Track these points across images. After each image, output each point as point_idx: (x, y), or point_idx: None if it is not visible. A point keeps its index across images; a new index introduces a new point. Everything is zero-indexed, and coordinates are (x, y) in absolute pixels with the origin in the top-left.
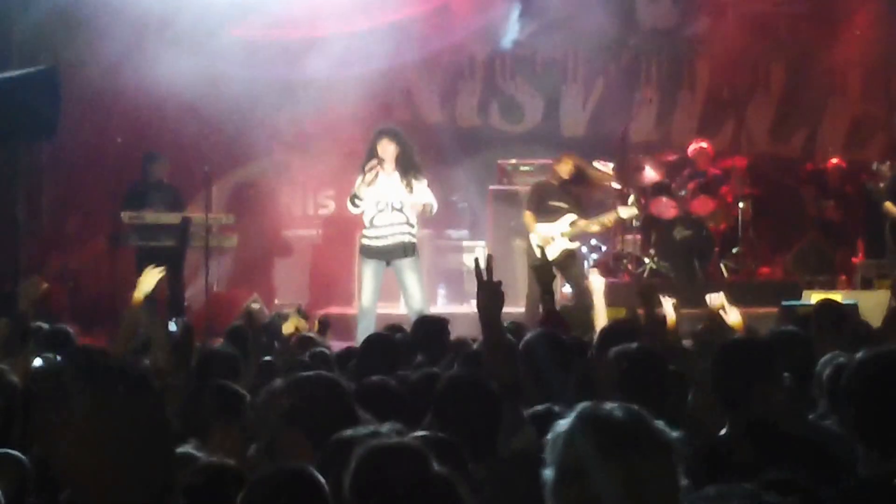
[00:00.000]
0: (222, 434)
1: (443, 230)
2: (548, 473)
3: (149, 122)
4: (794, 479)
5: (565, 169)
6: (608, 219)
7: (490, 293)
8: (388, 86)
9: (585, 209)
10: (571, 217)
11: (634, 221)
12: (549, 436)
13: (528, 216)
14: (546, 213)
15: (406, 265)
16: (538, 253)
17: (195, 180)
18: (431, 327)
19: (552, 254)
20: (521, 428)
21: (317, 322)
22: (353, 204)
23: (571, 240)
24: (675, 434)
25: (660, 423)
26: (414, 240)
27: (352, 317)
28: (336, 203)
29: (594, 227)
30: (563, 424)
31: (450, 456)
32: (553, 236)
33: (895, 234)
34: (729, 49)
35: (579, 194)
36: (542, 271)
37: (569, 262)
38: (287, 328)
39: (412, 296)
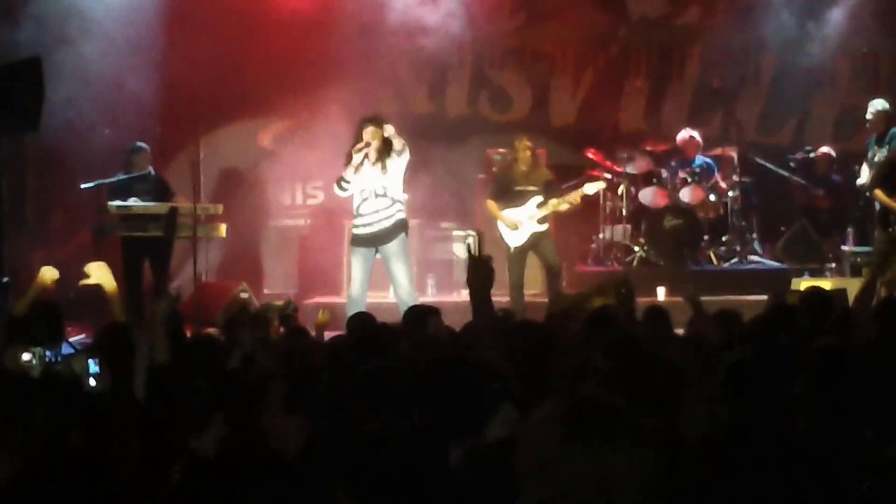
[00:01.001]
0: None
1: (432, 220)
2: (518, 463)
3: (135, 113)
4: None
5: (525, 152)
6: (574, 196)
7: (480, 270)
8: (377, 75)
9: (553, 189)
10: (538, 199)
11: (623, 207)
12: (522, 425)
13: (489, 204)
14: (513, 198)
15: (393, 253)
16: (508, 240)
17: (183, 169)
18: (421, 315)
19: (521, 238)
20: (502, 408)
21: (323, 314)
22: (341, 187)
23: (540, 222)
24: (651, 424)
25: (635, 414)
26: (402, 216)
27: (341, 306)
28: (325, 193)
29: (563, 207)
30: (535, 414)
31: (433, 442)
32: (521, 221)
33: (884, 221)
34: (718, 39)
35: (545, 175)
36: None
37: (541, 244)
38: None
39: (400, 285)
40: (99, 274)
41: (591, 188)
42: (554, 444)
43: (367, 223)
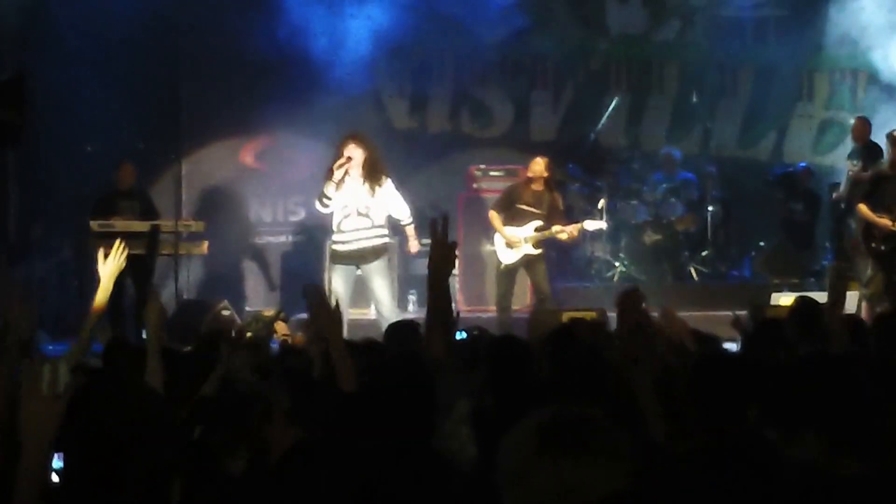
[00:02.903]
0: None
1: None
2: (497, 477)
3: (118, 129)
4: None
5: (537, 171)
6: (573, 230)
7: (444, 253)
8: (358, 91)
9: (556, 214)
10: (538, 223)
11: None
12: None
13: (491, 215)
14: (515, 216)
15: (375, 271)
16: (501, 256)
17: (165, 186)
18: (404, 331)
19: (514, 258)
20: (457, 405)
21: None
22: (322, 203)
23: (535, 246)
24: (623, 436)
25: (608, 425)
26: (384, 241)
27: None
28: (306, 209)
29: (561, 236)
30: (512, 428)
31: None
32: (520, 240)
33: (866, 237)
34: (698, 54)
35: (552, 199)
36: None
37: (534, 267)
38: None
39: (382, 302)
40: (111, 272)
41: (591, 225)
42: (529, 456)
43: (347, 240)
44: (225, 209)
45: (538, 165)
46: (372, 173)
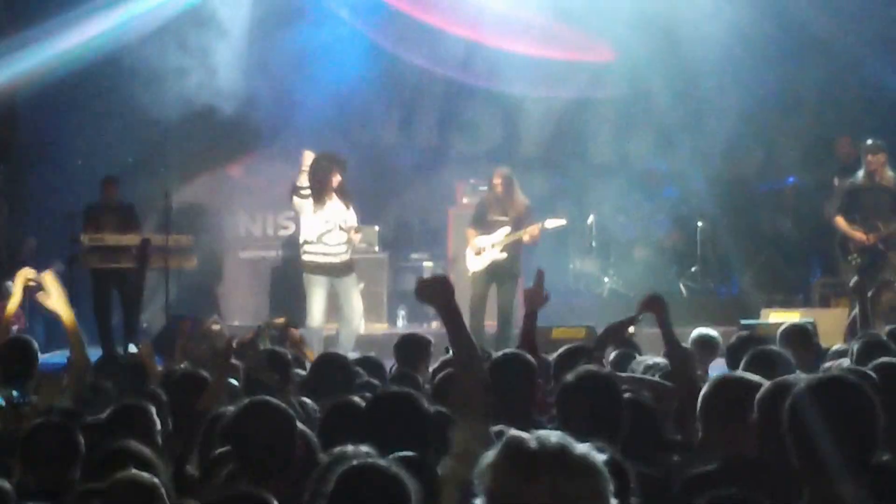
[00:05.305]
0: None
1: (402, 251)
2: (476, 502)
3: (107, 143)
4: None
5: (497, 182)
6: (534, 230)
7: (436, 281)
8: (346, 106)
9: (523, 219)
10: (507, 230)
11: (593, 238)
12: (480, 463)
13: (468, 232)
14: (486, 226)
15: (351, 284)
16: (469, 264)
17: (155, 201)
18: (415, 345)
19: (481, 264)
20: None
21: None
22: (300, 195)
23: (502, 251)
24: (605, 458)
25: (588, 448)
26: (352, 257)
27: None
28: (295, 224)
29: (525, 238)
30: (491, 452)
31: (423, 476)
32: (485, 247)
33: (843, 249)
34: (685, 70)
35: (516, 205)
36: None
37: (504, 282)
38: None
39: (353, 319)
40: (57, 299)
41: (551, 223)
42: (509, 481)
43: (329, 252)
44: (213, 224)
45: (496, 179)
46: (347, 193)
